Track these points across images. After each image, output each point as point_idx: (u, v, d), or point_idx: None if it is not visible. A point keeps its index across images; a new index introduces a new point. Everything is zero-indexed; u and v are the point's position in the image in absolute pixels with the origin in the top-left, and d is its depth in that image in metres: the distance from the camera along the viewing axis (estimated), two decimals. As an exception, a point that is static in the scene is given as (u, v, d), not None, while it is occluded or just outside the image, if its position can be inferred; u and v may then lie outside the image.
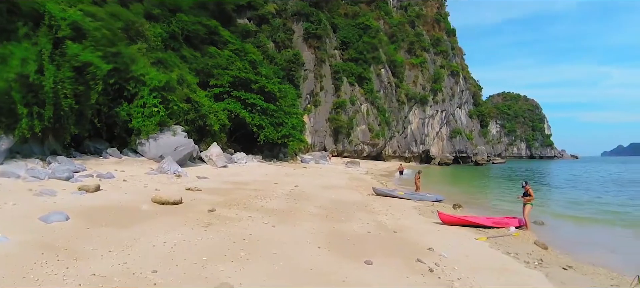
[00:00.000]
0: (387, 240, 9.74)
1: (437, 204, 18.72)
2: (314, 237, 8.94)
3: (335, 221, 11.28)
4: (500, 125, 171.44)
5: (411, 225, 12.41)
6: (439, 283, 6.93)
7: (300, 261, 7.03)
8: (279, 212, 11.49)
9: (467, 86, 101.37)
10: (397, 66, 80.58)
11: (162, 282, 5.40)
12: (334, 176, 29.14)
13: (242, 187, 16.40)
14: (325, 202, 14.71)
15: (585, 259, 10.48)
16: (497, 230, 13.38)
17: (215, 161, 24.72)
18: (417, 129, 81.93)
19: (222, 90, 33.59)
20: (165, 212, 9.78)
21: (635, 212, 20.90)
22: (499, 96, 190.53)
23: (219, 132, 29.70)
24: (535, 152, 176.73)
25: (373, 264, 7.37)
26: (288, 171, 28.30)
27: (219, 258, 6.65)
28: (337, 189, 20.24)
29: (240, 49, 37.43)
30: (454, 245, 10.09)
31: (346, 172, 36.05)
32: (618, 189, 35.06)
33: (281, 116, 36.42)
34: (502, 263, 9.14)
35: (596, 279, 8.72)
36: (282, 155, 39.02)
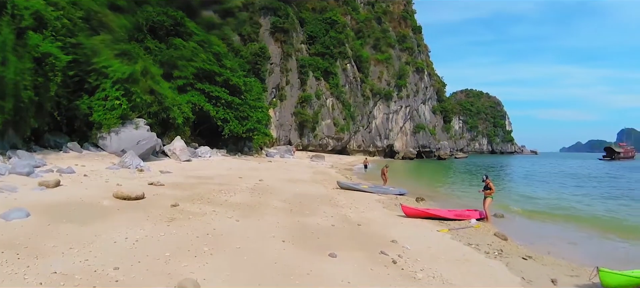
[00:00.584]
0: (351, 233, 9.77)
1: (400, 197, 18.94)
2: (278, 231, 8.87)
3: (299, 215, 11.24)
4: (463, 121, 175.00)
5: (375, 218, 12.51)
6: (402, 274, 6.99)
7: (264, 255, 6.96)
8: (243, 206, 11.37)
9: (431, 82, 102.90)
10: (363, 61, 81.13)
11: (124, 279, 5.26)
12: (298, 170, 29.12)
13: (206, 182, 16.16)
14: (290, 196, 14.65)
15: (544, 250, 10.80)
16: (458, 222, 13.65)
17: (179, 155, 24.31)
18: (381, 124, 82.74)
19: (186, 82, 33.01)
20: (127, 207, 9.54)
21: (592, 207, 21.68)
22: (462, 93, 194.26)
23: (183, 126, 29.24)
24: (496, 148, 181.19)
25: (337, 257, 7.37)
26: (253, 165, 28.10)
27: (182, 253, 6.50)
28: (302, 183, 20.22)
29: (205, 40, 36.80)
30: (416, 237, 10.24)
31: (311, 166, 36.07)
32: (576, 184, 36.31)
33: (246, 110, 36.10)
34: (464, 254, 9.32)
35: (556, 269, 8.97)
36: (247, 149, 38.71)
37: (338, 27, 75.41)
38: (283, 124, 62.40)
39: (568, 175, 47.67)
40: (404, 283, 6.55)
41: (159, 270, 5.67)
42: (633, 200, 25.27)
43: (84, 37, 21.98)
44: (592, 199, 25.32)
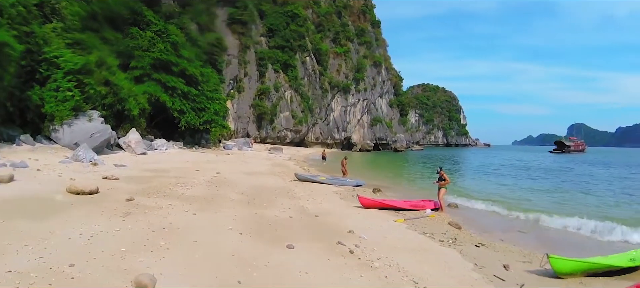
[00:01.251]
0: (309, 224, 9.81)
1: (357, 189, 19.16)
2: (235, 224, 8.80)
3: (257, 207, 11.19)
4: (419, 114, 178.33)
5: (332, 209, 12.60)
6: (359, 264, 7.07)
7: (221, 248, 6.88)
8: (200, 200, 11.21)
9: (388, 77, 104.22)
10: (322, 55, 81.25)
11: (80, 276, 5.09)
12: (256, 162, 28.97)
13: (162, 175, 15.82)
14: (248, 189, 14.57)
15: (496, 238, 11.19)
16: (414, 212, 13.95)
17: (134, 148, 23.70)
18: (339, 117, 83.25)
19: (143, 72, 32.14)
20: (81, 202, 9.23)
21: (542, 197, 22.63)
22: (418, 87, 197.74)
23: (138, 117, 28.48)
24: (451, 140, 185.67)
25: (295, 248, 7.38)
26: (210, 158, 27.74)
27: (138, 248, 6.34)
28: (260, 175, 20.13)
29: (163, 30, 35.77)
30: (373, 227, 10.39)
31: (269, 158, 35.96)
32: (526, 176, 37.72)
33: (203, 101, 35.44)
34: (419, 242, 9.54)
35: (508, 256, 9.30)
36: (204, 141, 38.11)
37: (299, 21, 75.17)
38: (241, 116, 61.82)
39: (519, 168, 49.38)
40: (361, 272, 6.62)
41: (115, 266, 5.53)
42: (580, 191, 26.50)
43: (37, 25, 21.09)
44: (542, 190, 26.39)
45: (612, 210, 18.47)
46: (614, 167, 55.33)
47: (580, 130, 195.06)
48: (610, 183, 32.09)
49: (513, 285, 7.21)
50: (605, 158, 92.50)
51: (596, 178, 36.69)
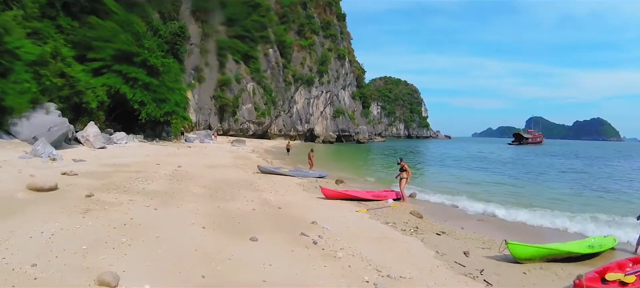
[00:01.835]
0: (272, 217, 9.82)
1: (320, 180, 19.25)
2: (198, 218, 8.71)
3: (219, 200, 11.11)
4: (381, 106, 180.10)
5: (295, 201, 12.65)
6: (323, 254, 7.13)
7: (184, 243, 6.79)
8: (161, 194, 11.01)
9: (351, 69, 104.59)
10: (286, 47, 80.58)
11: (42, 276, 4.93)
12: (219, 155, 28.65)
13: (122, 169, 15.40)
14: (210, 182, 14.42)
15: (457, 226, 11.49)
16: (376, 202, 14.15)
17: (93, 142, 23.00)
18: (302, 109, 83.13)
19: (102, 64, 30.98)
20: (41, 199, 8.90)
21: (500, 187, 23.39)
22: (381, 80, 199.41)
23: (97, 110, 27.63)
24: (412, 132, 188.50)
25: (258, 240, 7.38)
26: (171, 151, 27.24)
27: (99, 246, 6.18)
28: (222, 168, 19.94)
29: (125, 19, 34.43)
30: (336, 218, 10.49)
31: (231, 151, 35.61)
32: (485, 166, 38.87)
33: (164, 92, 34.44)
34: (382, 232, 9.70)
35: (468, 243, 9.60)
36: (165, 134, 37.31)
37: (261, 11, 74.02)
38: (202, 107, 60.66)
39: (479, 159, 50.75)
40: (324, 262, 6.68)
41: (77, 265, 5.38)
42: (537, 182, 27.49)
43: (-2, 13, 20.14)
44: (500, 180, 27.24)
45: (567, 200, 19.27)
46: (570, 159, 57.77)
47: (538, 123, 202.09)
48: (564, 174, 33.46)
49: (473, 270, 7.44)
50: (562, 150, 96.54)
51: (552, 169, 38.19)
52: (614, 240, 10.06)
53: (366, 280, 6.13)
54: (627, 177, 32.06)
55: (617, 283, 6.61)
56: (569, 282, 6.86)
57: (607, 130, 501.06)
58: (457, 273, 7.16)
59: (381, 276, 6.39)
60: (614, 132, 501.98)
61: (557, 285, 7.12)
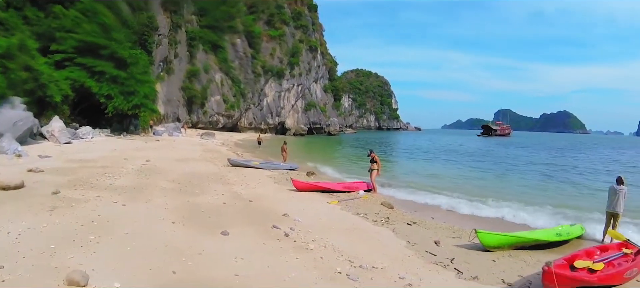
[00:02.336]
0: (243, 210, 9.76)
1: (291, 172, 19.22)
2: (167, 213, 8.60)
3: (189, 194, 10.99)
4: (353, 99, 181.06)
5: (266, 194, 12.61)
6: (295, 246, 7.13)
7: (154, 239, 6.69)
8: (129, 189, 10.83)
9: (324, 61, 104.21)
10: (255, 37, 79.59)
11: (10, 278, 4.75)
12: (188, 148, 28.27)
13: (89, 165, 15.04)
14: (179, 176, 14.24)
15: (427, 216, 11.64)
16: (347, 194, 14.22)
17: (58, 137, 22.37)
18: (273, 102, 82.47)
19: (65, 56, 29.96)
20: (7, 198, 8.60)
21: (469, 177, 23.84)
22: (352, 72, 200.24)
23: (62, 104, 26.85)
24: (383, 124, 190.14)
25: (229, 234, 7.34)
26: (139, 145, 26.72)
27: (67, 244, 6.03)
28: (192, 162, 19.70)
29: (90, 9, 33.08)
30: (308, 210, 10.51)
31: (201, 144, 35.15)
32: (455, 158, 39.54)
33: (132, 84, 33.62)
34: (353, 223, 9.76)
35: (439, 232, 9.74)
36: (133, 127, 36.46)
37: (230, 1, 72.96)
38: (171, 99, 59.29)
39: (448, 150, 51.60)
40: (296, 254, 6.68)
41: (45, 265, 5.22)
42: (505, 172, 28.13)
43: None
44: (469, 171, 27.75)
45: (533, 192, 19.78)
46: (536, 151, 59.39)
47: (506, 116, 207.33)
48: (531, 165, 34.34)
49: (444, 259, 7.55)
50: (529, 141, 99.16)
51: (519, 160, 39.13)
52: (581, 228, 10.31)
53: (338, 271, 6.15)
54: (591, 169, 33.10)
55: (585, 270, 6.78)
56: (537, 269, 7.02)
57: (573, 122, 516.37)
58: (428, 262, 7.25)
59: (353, 267, 6.42)
60: (580, 124, 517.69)
61: (526, 271, 7.27)
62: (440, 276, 6.60)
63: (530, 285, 6.54)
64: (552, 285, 5.97)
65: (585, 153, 57.63)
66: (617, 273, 6.88)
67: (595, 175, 27.76)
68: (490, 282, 6.61)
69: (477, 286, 6.37)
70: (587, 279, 6.44)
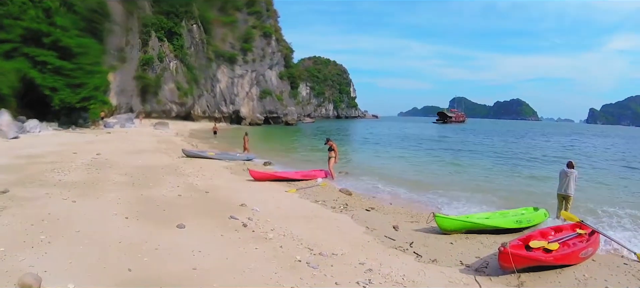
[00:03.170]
0: (199, 202, 9.63)
1: (248, 163, 19.04)
2: (120, 208, 8.38)
3: (142, 187, 10.75)
4: (310, 87, 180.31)
5: (223, 185, 12.48)
6: (253, 236, 7.10)
7: (107, 235, 6.50)
8: (80, 185, 10.47)
9: (279, 48, 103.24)
10: (208, 23, 77.97)
11: None
12: (140, 140, 27.52)
13: (37, 161, 14.43)
14: (131, 169, 13.89)
15: (386, 202, 11.78)
16: (305, 182, 14.22)
17: (6, 132, 21.36)
18: (226, 88, 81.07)
19: (13, 46, 28.45)
20: None
21: (426, 162, 24.35)
22: (310, 60, 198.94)
23: (8, 97, 25.53)
24: (341, 113, 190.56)
25: (186, 227, 7.23)
26: (89, 138, 25.76)
27: (17, 246, 5.76)
28: (145, 154, 19.21)
29: None
30: (266, 200, 10.45)
31: (154, 135, 34.29)
32: (411, 144, 40.29)
33: (81, 76, 32.02)
34: (312, 210, 9.79)
35: (397, 217, 9.90)
36: (82, 120, 34.88)
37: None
38: (124, 89, 57.39)
39: (405, 138, 52.41)
40: (255, 244, 6.65)
41: (-5, 269, 4.98)
42: (460, 156, 28.89)
43: None
44: (426, 156, 28.36)
45: (487, 175, 20.45)
46: (489, 136, 61.44)
47: (461, 103, 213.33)
48: (483, 151, 35.56)
49: (403, 243, 7.69)
50: (483, 128, 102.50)
51: (473, 146, 40.39)
52: (545, 214, 10.48)
53: (298, 259, 6.17)
54: (544, 154, 34.49)
55: (541, 250, 7.01)
56: (494, 250, 7.23)
57: (525, 110, 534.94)
58: (388, 247, 7.37)
59: (313, 254, 6.45)
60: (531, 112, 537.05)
61: (483, 253, 7.50)
62: (399, 260, 6.71)
63: (487, 265, 6.73)
64: (508, 265, 6.16)
65: (536, 139, 60.01)
66: (573, 253, 7.14)
67: (547, 161, 28.94)
68: (448, 264, 6.78)
69: (436, 268, 6.51)
70: (543, 259, 6.66)
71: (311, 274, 5.64)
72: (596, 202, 13.15)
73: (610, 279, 6.66)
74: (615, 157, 35.01)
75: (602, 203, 12.90)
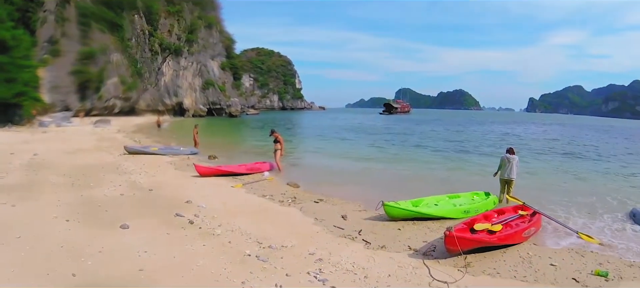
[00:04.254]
0: (143, 200, 9.45)
1: (192, 157, 18.70)
2: (61, 210, 8.09)
3: (83, 188, 10.39)
4: (254, 78, 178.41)
5: (167, 181, 12.25)
6: (200, 233, 7.07)
7: (49, 240, 6.28)
8: (17, 188, 10.02)
9: (221, 39, 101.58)
10: (153, 14, 75.35)
11: None
12: (80, 138, 26.35)
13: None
14: (71, 169, 13.37)
15: (334, 193, 11.90)
16: (252, 176, 14.17)
17: None
18: (170, 81, 79.09)
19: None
20: None
21: (374, 153, 24.88)
22: (253, 51, 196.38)
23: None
24: (287, 104, 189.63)
25: (130, 227, 7.10)
26: (25, 137, 24.43)
27: None
28: (84, 153, 18.46)
29: None
30: (212, 195, 10.38)
31: (94, 133, 32.98)
32: (357, 135, 40.92)
33: (13, 70, 30.33)
34: (259, 205, 9.81)
35: (346, 207, 10.06)
36: (18, 118, 33.11)
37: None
38: (59, 85, 54.32)
39: (352, 128, 53.07)
40: (203, 241, 6.64)
41: None
42: (404, 145, 29.61)
43: None
44: (372, 146, 28.85)
45: (433, 161, 21.13)
46: (434, 126, 63.22)
47: (406, 94, 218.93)
48: (428, 139, 36.60)
49: (352, 231, 7.86)
50: (428, 118, 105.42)
51: (418, 135, 41.65)
52: (494, 201, 10.86)
53: (247, 253, 6.21)
54: (482, 140, 35.89)
55: (485, 232, 7.35)
56: (440, 234, 7.49)
57: (468, 100, 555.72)
58: (337, 236, 7.53)
59: (262, 248, 6.51)
60: (474, 102, 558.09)
61: (430, 237, 7.80)
62: (349, 248, 6.87)
63: (434, 249, 6.99)
64: (454, 248, 6.42)
65: (477, 127, 62.44)
66: (516, 233, 7.53)
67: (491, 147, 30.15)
68: (397, 250, 7.00)
69: (385, 254, 6.72)
70: (487, 240, 6.99)
71: (261, 267, 5.70)
72: (535, 185, 13.92)
73: (554, 256, 7.09)
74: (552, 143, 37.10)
75: (540, 187, 13.67)
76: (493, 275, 6.10)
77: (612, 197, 12.80)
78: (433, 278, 5.76)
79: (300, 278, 5.44)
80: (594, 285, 5.97)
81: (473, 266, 6.35)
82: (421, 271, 6.03)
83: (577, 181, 16.35)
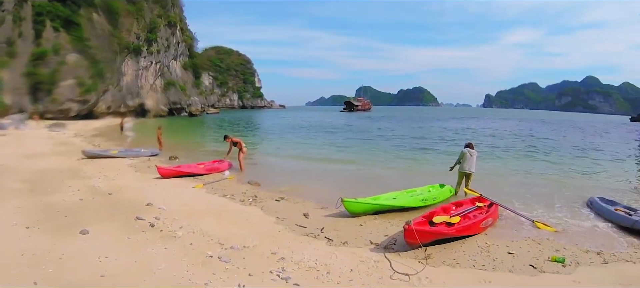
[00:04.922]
0: (103, 204, 9.36)
1: (153, 158, 18.50)
2: (19, 217, 7.94)
3: (41, 194, 10.19)
4: (213, 77, 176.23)
5: (127, 184, 12.13)
6: (162, 236, 7.10)
7: (8, 248, 6.20)
8: (-25, 194, 9.75)
9: (183, 38, 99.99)
10: (112, 12, 73.16)
11: None
12: (36, 143, 25.56)
13: None
14: (29, 174, 13.04)
15: (295, 191, 12.05)
16: (213, 176, 14.17)
17: None
18: (131, 81, 77.41)
19: None
20: None
21: (334, 150, 25.04)
22: (212, 49, 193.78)
23: None
24: (247, 103, 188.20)
25: (90, 233, 7.05)
26: (-21, 142, 23.63)
27: None
28: (41, 157, 17.96)
29: None
30: (172, 197, 10.37)
31: (50, 137, 31.94)
32: (317, 132, 41.11)
33: None
34: (221, 205, 9.88)
35: (307, 205, 10.24)
36: (-24, 122, 31.81)
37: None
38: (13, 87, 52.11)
39: (313, 126, 53.29)
40: (164, 244, 6.68)
41: None
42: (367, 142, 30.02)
43: None
44: (333, 143, 29.10)
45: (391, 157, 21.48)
46: (393, 122, 64.21)
47: (367, 92, 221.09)
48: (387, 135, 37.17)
49: (314, 229, 8.04)
50: (388, 115, 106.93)
51: (378, 132, 42.29)
52: (450, 190, 11.22)
53: (209, 254, 6.29)
54: (440, 135, 36.65)
55: (444, 224, 7.64)
56: (401, 228, 7.71)
57: (427, 97, 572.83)
58: (299, 235, 7.68)
59: (224, 249, 6.60)
60: (432, 98, 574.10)
61: (391, 231, 8.05)
62: (311, 246, 7.03)
63: (395, 242, 7.25)
64: (414, 241, 6.68)
65: (433, 123, 63.80)
66: (474, 224, 7.86)
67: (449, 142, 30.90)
68: (359, 245, 7.22)
69: (347, 250, 6.91)
70: (446, 232, 7.28)
71: (224, 268, 5.79)
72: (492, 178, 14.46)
73: (511, 245, 7.45)
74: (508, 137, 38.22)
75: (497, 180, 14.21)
76: (453, 266, 6.37)
77: (568, 188, 13.43)
78: (394, 271, 5.97)
79: (263, 277, 5.56)
80: (551, 271, 6.31)
81: (433, 258, 6.61)
82: (383, 264, 6.23)
83: (533, 174, 17.04)
